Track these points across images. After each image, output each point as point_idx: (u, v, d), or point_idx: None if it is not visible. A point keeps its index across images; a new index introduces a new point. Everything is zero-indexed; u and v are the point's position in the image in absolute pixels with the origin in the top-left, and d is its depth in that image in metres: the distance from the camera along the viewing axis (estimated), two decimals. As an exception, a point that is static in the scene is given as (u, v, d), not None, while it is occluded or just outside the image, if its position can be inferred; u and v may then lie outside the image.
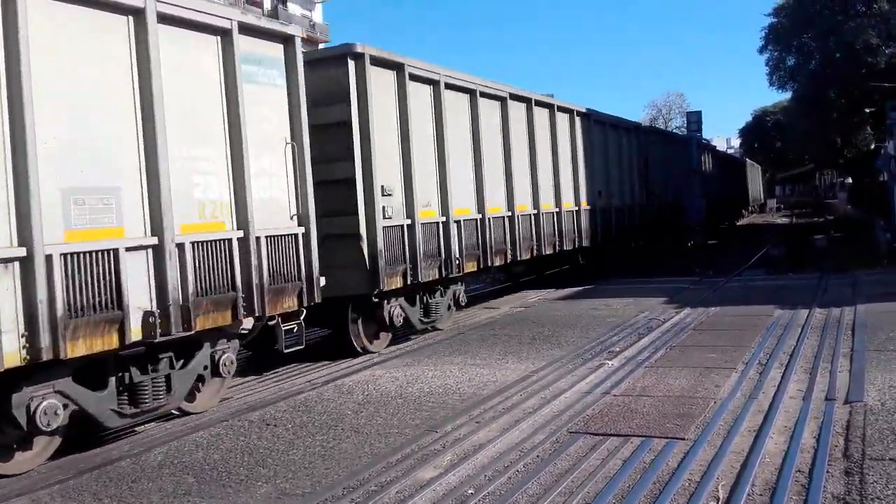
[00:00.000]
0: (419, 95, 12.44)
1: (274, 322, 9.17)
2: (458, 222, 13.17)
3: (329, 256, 10.18)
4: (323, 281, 9.62)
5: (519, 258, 15.51)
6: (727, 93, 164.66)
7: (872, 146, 42.60)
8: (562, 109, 18.04)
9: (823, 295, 14.68)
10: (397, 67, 11.88)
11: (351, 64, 10.98)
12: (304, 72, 9.54)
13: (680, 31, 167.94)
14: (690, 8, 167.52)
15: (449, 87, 13.25)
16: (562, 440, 6.73)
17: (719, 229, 38.94)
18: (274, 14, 9.93)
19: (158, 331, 7.40)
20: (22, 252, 6.31)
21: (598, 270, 20.11)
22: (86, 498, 6.07)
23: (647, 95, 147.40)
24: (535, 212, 16.28)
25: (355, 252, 10.89)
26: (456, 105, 13.56)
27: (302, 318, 9.49)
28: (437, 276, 12.45)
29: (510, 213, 15.19)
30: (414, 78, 12.26)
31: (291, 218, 9.35)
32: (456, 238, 13.01)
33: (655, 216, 24.98)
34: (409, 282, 11.66)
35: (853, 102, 38.60)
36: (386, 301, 11.49)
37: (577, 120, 18.88)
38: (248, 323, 8.84)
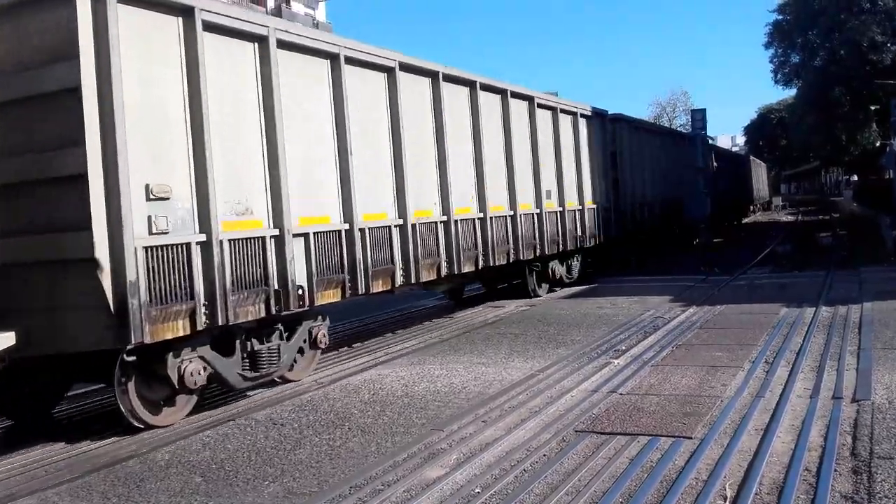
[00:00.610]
0: (218, 48, 8.45)
1: None
2: (304, 235, 9.42)
3: (46, 294, 7.34)
4: (8, 340, 6.91)
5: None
6: (732, 91, 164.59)
7: (878, 144, 42.47)
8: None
9: (830, 293, 14.65)
10: (183, 11, 7.99)
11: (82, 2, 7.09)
12: None
13: (685, 29, 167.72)
14: (695, 6, 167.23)
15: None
16: (568, 439, 6.73)
17: (725, 227, 38.86)
18: (277, 12, 9.60)
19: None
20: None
21: (603, 270, 20.07)
22: (94, 497, 6.09)
23: (651, 93, 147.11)
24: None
25: (88, 287, 7.12)
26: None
27: None
28: (261, 314, 8.73)
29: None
30: (212, 28, 8.29)
31: None
32: (301, 257, 9.31)
33: (660, 214, 24.93)
34: (198, 325, 7.87)
35: (858, 100, 38.47)
36: (173, 354, 7.87)
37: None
38: None
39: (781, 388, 7.97)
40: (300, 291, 9.23)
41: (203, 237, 8.00)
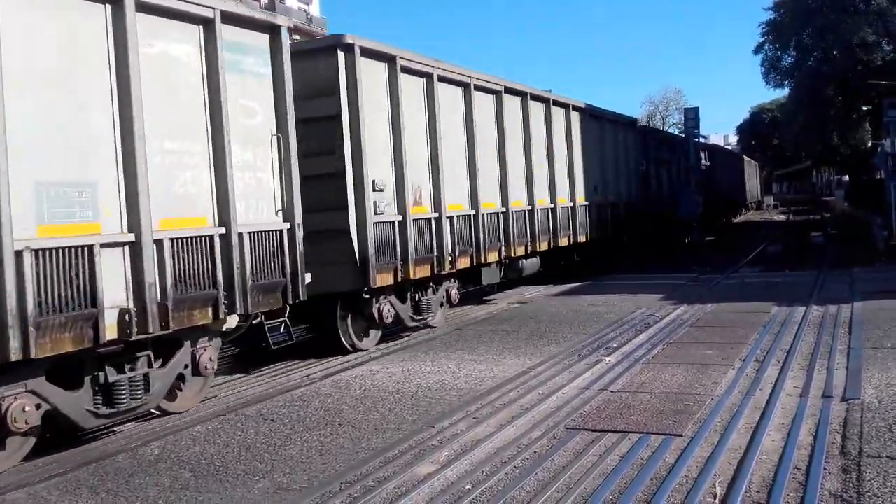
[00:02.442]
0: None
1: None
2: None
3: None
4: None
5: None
6: (725, 90, 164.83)
7: (870, 144, 42.65)
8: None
9: (820, 292, 14.70)
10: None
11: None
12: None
13: (678, 27, 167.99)
14: (688, 4, 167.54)
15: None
16: (559, 436, 6.73)
17: (717, 226, 38.94)
18: (271, 6, 9.57)
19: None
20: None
21: (595, 267, 20.09)
22: (83, 492, 6.06)
23: (644, 91, 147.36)
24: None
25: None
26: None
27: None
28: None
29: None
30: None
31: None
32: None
33: (652, 212, 24.97)
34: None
35: (851, 100, 38.63)
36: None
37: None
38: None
39: (772, 386, 7.99)
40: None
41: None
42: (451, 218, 12.84)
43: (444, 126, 12.85)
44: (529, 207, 16.05)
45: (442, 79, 12.90)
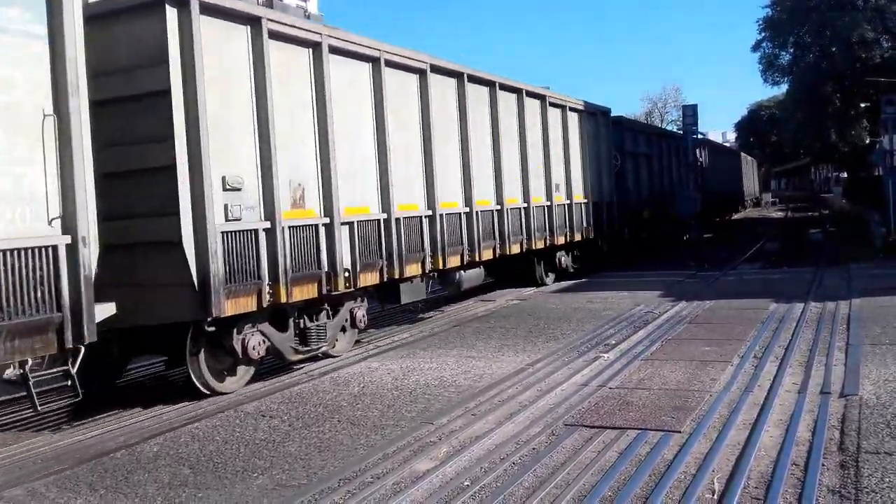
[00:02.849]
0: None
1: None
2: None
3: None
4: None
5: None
6: (723, 87, 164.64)
7: (868, 141, 42.67)
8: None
9: (819, 289, 14.72)
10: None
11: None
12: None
13: (676, 24, 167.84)
14: (686, 1, 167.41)
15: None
16: (558, 433, 6.74)
17: (715, 223, 38.97)
18: (268, 4, 9.29)
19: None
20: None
21: (593, 264, 20.08)
22: (82, 489, 6.06)
23: (642, 88, 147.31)
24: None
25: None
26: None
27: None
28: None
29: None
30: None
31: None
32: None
33: (651, 210, 24.97)
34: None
35: (849, 97, 38.65)
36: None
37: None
38: None
39: (770, 382, 8.00)
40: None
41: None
42: (349, 224, 10.46)
43: (342, 111, 10.47)
44: (466, 209, 13.50)
45: (336, 50, 10.43)
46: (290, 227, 9.37)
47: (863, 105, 37.55)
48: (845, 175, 59.73)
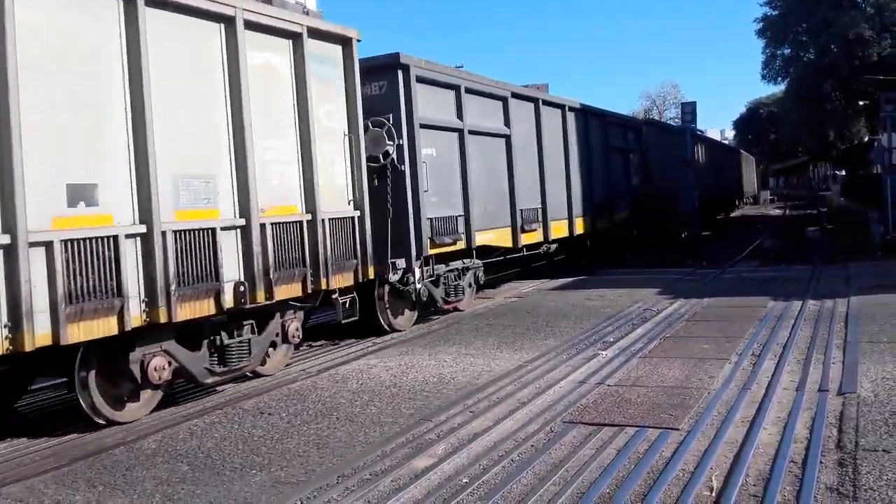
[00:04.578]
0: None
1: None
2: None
3: None
4: None
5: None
6: (722, 84, 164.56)
7: (866, 138, 42.71)
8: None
9: (817, 286, 14.72)
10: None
11: None
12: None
13: (674, 21, 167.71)
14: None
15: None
16: (556, 430, 6.74)
17: (713, 221, 38.98)
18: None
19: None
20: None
21: (590, 262, 20.08)
22: (80, 485, 6.06)
23: (641, 85, 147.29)
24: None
25: None
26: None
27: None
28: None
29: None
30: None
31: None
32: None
33: (648, 207, 24.95)
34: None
35: (847, 95, 38.68)
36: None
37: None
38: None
39: (768, 380, 8.01)
40: None
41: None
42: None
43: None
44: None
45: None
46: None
47: (861, 103, 37.57)
48: (844, 173, 59.73)
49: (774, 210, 60.29)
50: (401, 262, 12.01)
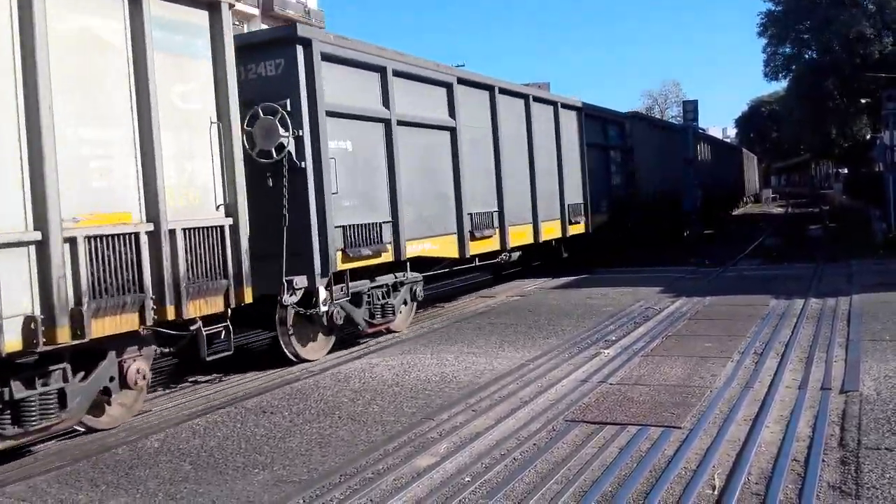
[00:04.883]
0: None
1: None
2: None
3: None
4: None
5: None
6: (723, 82, 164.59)
7: (868, 136, 42.69)
8: (540, 100, 16.61)
9: (819, 285, 14.71)
10: None
11: None
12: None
13: (676, 19, 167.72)
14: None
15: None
16: (558, 428, 6.74)
17: (715, 219, 38.95)
18: (269, 1, 9.07)
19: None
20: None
21: (591, 261, 20.01)
22: (83, 484, 6.07)
23: (643, 84, 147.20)
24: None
25: None
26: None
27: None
28: None
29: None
30: None
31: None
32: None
33: (650, 205, 24.88)
34: None
35: (849, 93, 38.67)
36: None
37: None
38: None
39: (770, 378, 8.00)
40: None
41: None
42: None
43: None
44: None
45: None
46: None
47: (863, 101, 37.58)
48: (846, 171, 59.71)
49: (776, 208, 60.23)
50: (300, 280, 9.66)
